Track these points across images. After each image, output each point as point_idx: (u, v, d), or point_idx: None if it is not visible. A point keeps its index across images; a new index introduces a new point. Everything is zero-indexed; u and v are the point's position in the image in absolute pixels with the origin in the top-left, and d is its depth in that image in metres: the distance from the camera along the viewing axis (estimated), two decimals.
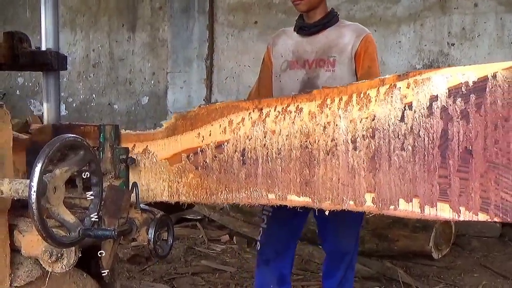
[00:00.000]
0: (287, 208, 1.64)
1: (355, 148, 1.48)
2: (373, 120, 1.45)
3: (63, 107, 7.58)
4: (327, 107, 1.53)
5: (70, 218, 1.53)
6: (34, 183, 1.37)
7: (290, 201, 1.60)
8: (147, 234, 1.71)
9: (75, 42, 7.66)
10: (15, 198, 1.53)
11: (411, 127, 1.39)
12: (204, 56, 6.74)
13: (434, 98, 1.35)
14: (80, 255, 1.65)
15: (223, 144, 1.70)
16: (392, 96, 1.42)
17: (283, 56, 2.86)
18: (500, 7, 5.54)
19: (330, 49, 2.73)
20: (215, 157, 1.71)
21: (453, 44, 5.75)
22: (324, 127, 1.53)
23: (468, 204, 1.31)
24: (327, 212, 1.55)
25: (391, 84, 1.43)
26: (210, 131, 1.73)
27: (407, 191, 1.40)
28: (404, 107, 1.40)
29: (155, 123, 6.66)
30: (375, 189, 1.45)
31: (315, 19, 2.78)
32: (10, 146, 1.64)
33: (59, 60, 2.17)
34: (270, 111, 1.63)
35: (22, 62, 2.05)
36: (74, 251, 1.62)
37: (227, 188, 1.70)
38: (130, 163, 1.84)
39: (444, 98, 1.34)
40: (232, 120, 1.69)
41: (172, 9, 6.83)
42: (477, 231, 4.98)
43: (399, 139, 1.41)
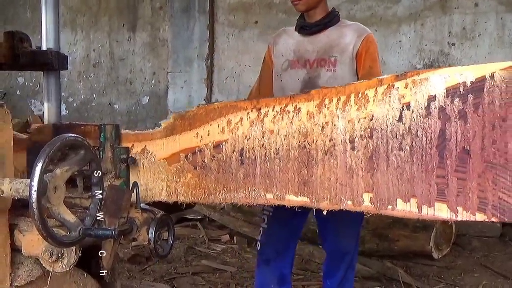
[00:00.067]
0: (288, 208, 1.64)
1: (353, 148, 1.48)
2: (371, 120, 1.45)
3: (64, 107, 7.58)
4: (325, 107, 1.53)
5: (70, 217, 1.53)
6: (35, 183, 1.38)
7: (288, 201, 1.60)
8: (148, 234, 1.71)
9: (76, 42, 7.67)
10: (15, 198, 1.54)
11: (409, 127, 1.39)
12: (204, 56, 6.74)
13: (432, 98, 1.35)
14: (81, 254, 1.65)
15: (222, 144, 1.70)
16: (390, 96, 1.42)
17: (284, 55, 2.85)
18: (501, 6, 5.54)
19: (331, 48, 2.73)
20: (214, 157, 1.71)
21: (453, 44, 5.74)
22: (322, 127, 1.53)
23: (465, 204, 1.31)
24: (325, 212, 1.55)
25: (389, 84, 1.43)
26: (209, 131, 1.73)
27: (405, 191, 1.40)
28: (402, 107, 1.40)
29: (155, 123, 6.64)
30: (373, 189, 1.45)
31: (315, 19, 2.78)
32: (11, 146, 1.64)
33: (60, 60, 2.17)
34: (268, 111, 1.63)
35: (23, 62, 2.05)
36: (74, 250, 1.62)
37: (225, 188, 1.70)
38: (131, 163, 1.84)
39: (442, 98, 1.34)
40: (231, 120, 1.69)
41: (173, 9, 6.82)
42: (477, 231, 4.98)
43: (397, 139, 1.41)
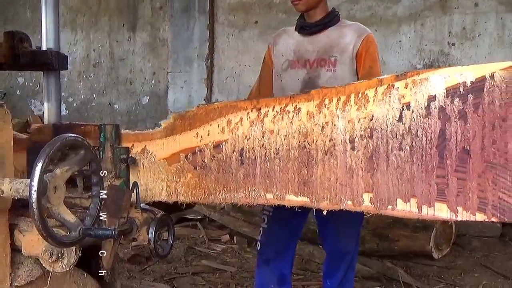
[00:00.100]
0: (288, 208, 1.64)
1: (353, 148, 1.48)
2: (371, 120, 1.45)
3: (64, 107, 7.58)
4: (325, 107, 1.53)
5: (70, 217, 1.53)
6: (35, 183, 1.38)
7: (288, 201, 1.60)
8: (148, 234, 1.71)
9: (76, 42, 7.66)
10: (15, 198, 1.54)
11: (409, 127, 1.39)
12: (204, 56, 6.74)
13: (432, 98, 1.35)
14: (81, 254, 1.65)
15: (222, 144, 1.70)
16: (390, 96, 1.42)
17: (284, 55, 2.85)
18: (501, 6, 5.54)
19: (331, 48, 2.72)
20: (214, 157, 1.71)
21: (453, 44, 5.74)
22: (322, 127, 1.53)
23: (465, 204, 1.31)
24: (325, 212, 1.55)
25: (389, 84, 1.43)
26: (209, 131, 1.73)
27: (405, 191, 1.40)
28: (402, 107, 1.40)
29: (155, 123, 6.64)
30: (373, 189, 1.45)
31: (315, 19, 2.77)
32: (11, 146, 1.64)
33: (60, 60, 2.17)
34: (268, 111, 1.63)
35: (23, 62, 2.06)
36: (74, 250, 1.62)
37: (225, 188, 1.70)
38: (131, 163, 1.84)
39: (442, 98, 1.34)
40: (231, 120, 1.69)
41: (173, 9, 6.82)
42: (477, 231, 4.97)
43: (397, 139, 1.41)
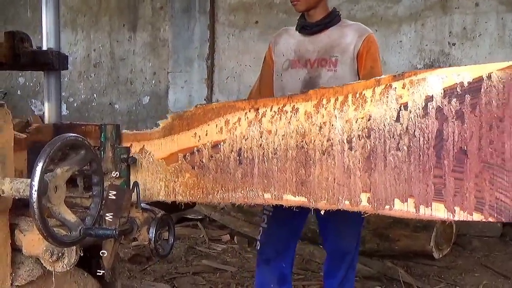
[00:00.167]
0: (287, 207, 1.64)
1: (350, 148, 1.48)
2: (368, 120, 1.45)
3: (64, 107, 7.58)
4: (323, 107, 1.53)
5: (71, 217, 1.54)
6: (35, 182, 1.38)
7: (286, 200, 1.61)
8: (148, 234, 1.71)
9: (76, 42, 7.67)
10: (16, 198, 1.54)
11: (407, 127, 1.39)
12: (205, 56, 6.73)
13: (429, 99, 1.36)
14: (81, 254, 1.65)
15: (220, 144, 1.71)
16: (387, 97, 1.42)
17: (284, 55, 2.84)
18: (501, 6, 5.53)
19: (332, 48, 2.72)
20: (212, 156, 1.72)
21: (454, 44, 5.74)
22: (320, 127, 1.53)
23: (462, 204, 1.31)
24: (322, 212, 1.55)
25: (387, 85, 1.43)
26: (207, 131, 1.73)
27: (402, 191, 1.40)
28: (400, 107, 1.40)
29: (156, 123, 6.66)
30: (370, 189, 1.45)
31: (316, 19, 2.77)
32: (11, 145, 1.64)
33: (60, 60, 2.18)
34: (266, 111, 1.63)
35: (23, 62, 2.06)
36: (75, 250, 1.62)
37: (223, 188, 1.70)
38: (131, 163, 1.85)
39: (439, 98, 1.34)
40: (229, 120, 1.69)
41: (173, 9, 6.82)
42: (478, 231, 4.96)
43: (394, 139, 1.41)
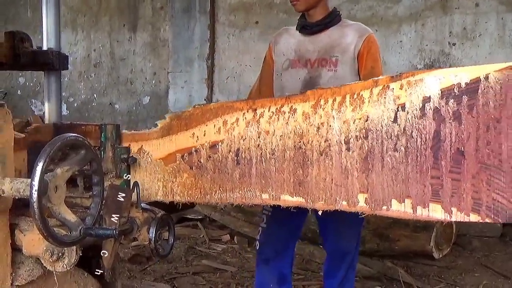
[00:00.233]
0: (287, 207, 1.64)
1: (348, 149, 1.48)
2: (366, 121, 1.45)
3: (64, 107, 7.59)
4: (320, 107, 1.53)
5: (71, 217, 1.54)
6: (36, 182, 1.38)
7: (284, 201, 1.61)
8: (148, 234, 1.72)
9: (76, 42, 7.67)
10: (16, 197, 1.54)
11: (404, 128, 1.39)
12: (205, 56, 6.74)
13: (426, 99, 1.36)
14: (81, 254, 1.65)
15: (218, 144, 1.71)
16: (385, 97, 1.42)
17: (285, 54, 2.84)
18: (501, 6, 5.52)
19: (333, 48, 2.72)
20: (210, 157, 1.72)
21: (454, 44, 5.73)
22: (318, 128, 1.53)
23: (460, 205, 1.31)
24: (320, 212, 1.55)
25: (384, 85, 1.43)
26: (205, 131, 1.73)
27: (400, 191, 1.40)
28: (397, 108, 1.40)
29: (154, 123, 6.66)
30: (368, 189, 1.45)
31: (316, 18, 2.76)
32: (12, 145, 1.64)
33: (61, 60, 2.18)
34: (264, 111, 1.63)
35: (24, 62, 2.07)
36: (75, 250, 1.63)
37: (221, 188, 1.70)
38: (131, 162, 1.85)
39: (437, 99, 1.34)
40: (227, 121, 1.69)
41: (173, 9, 6.82)
42: (478, 231, 4.96)
43: (392, 140, 1.41)
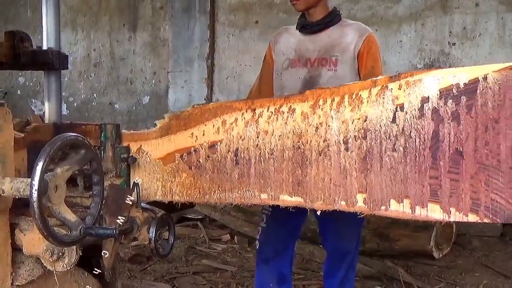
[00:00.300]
0: (286, 207, 1.64)
1: (347, 149, 1.48)
2: (365, 121, 1.45)
3: (64, 106, 7.59)
4: (319, 108, 1.53)
5: (71, 216, 1.54)
6: (36, 182, 1.38)
7: (283, 201, 1.61)
8: (148, 233, 1.72)
9: (76, 41, 7.67)
10: (16, 197, 1.54)
11: (403, 128, 1.39)
12: (205, 56, 6.74)
13: (425, 100, 1.36)
14: (81, 254, 1.65)
15: (216, 144, 1.71)
16: (384, 98, 1.42)
17: (284, 54, 2.84)
18: (501, 6, 5.52)
19: (333, 48, 2.72)
20: (208, 157, 1.72)
21: (454, 44, 5.73)
22: (317, 128, 1.53)
23: (458, 205, 1.31)
24: (318, 212, 1.55)
25: (383, 86, 1.43)
26: (204, 131, 1.73)
27: (398, 191, 1.40)
28: (396, 108, 1.40)
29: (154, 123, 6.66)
30: (366, 189, 1.45)
31: (316, 18, 2.77)
32: (11, 145, 1.64)
33: (60, 60, 2.19)
34: (263, 111, 1.63)
35: (23, 62, 2.07)
36: (75, 250, 1.63)
37: (220, 188, 1.71)
38: (131, 162, 1.85)
39: (435, 99, 1.34)
40: (226, 120, 1.69)
41: (173, 8, 6.82)
42: (478, 231, 4.96)
43: (390, 140, 1.41)
